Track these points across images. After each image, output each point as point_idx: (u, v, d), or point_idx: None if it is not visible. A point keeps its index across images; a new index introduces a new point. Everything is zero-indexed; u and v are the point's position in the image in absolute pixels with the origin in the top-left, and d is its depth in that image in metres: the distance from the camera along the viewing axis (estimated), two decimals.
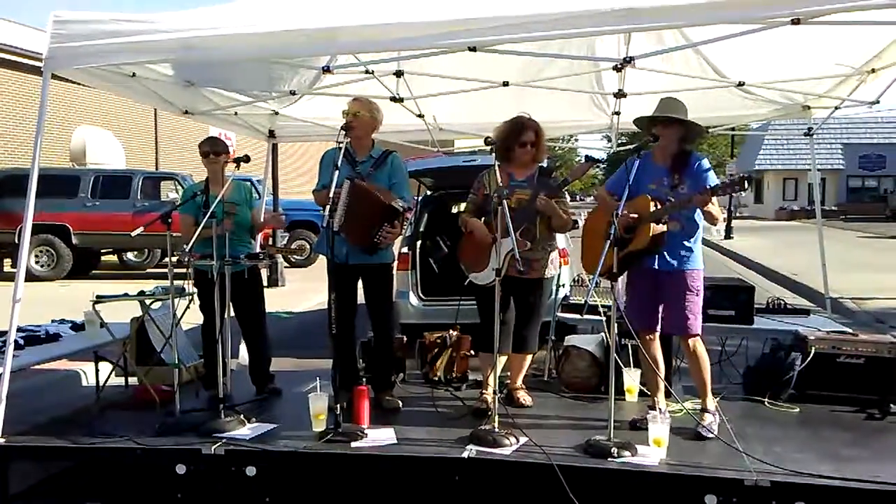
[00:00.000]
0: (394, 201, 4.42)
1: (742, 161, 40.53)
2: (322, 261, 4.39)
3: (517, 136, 4.51)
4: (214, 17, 3.95)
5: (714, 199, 3.91)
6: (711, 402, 4.16)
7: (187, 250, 4.24)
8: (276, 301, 9.10)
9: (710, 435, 3.91)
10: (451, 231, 5.70)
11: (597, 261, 3.81)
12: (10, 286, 4.12)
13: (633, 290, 4.30)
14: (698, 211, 4.01)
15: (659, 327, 4.21)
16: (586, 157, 4.51)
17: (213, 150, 4.85)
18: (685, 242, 4.08)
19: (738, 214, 31.57)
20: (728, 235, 21.79)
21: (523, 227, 4.35)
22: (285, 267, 13.55)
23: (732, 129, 7.26)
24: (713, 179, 4.05)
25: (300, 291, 12.08)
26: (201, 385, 5.11)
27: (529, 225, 4.43)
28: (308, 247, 15.48)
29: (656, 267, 4.08)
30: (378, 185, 4.52)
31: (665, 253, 4.05)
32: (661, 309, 4.16)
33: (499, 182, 4.13)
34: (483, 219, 4.53)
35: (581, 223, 4.74)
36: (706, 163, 4.14)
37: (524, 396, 4.71)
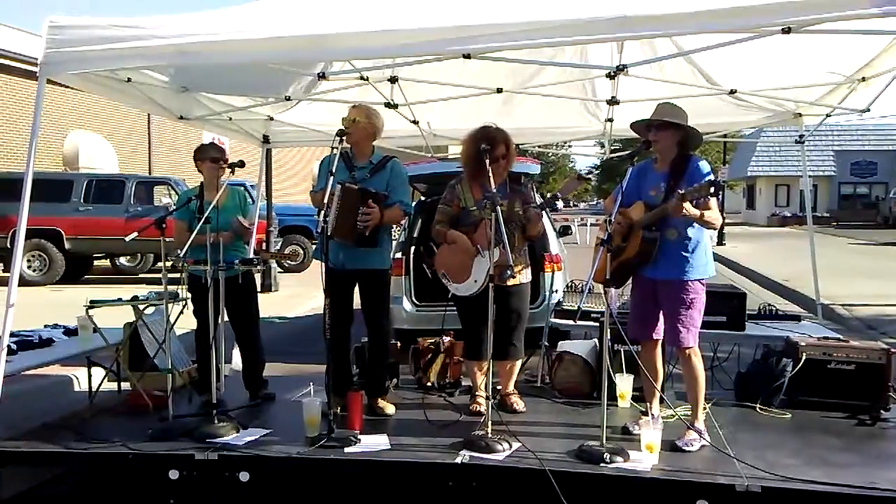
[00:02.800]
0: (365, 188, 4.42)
1: (734, 168, 40.66)
2: (316, 266, 4.40)
3: (491, 150, 4.35)
4: (210, 23, 3.96)
5: (713, 203, 3.86)
6: (700, 419, 4.07)
7: (181, 255, 4.24)
8: (269, 306, 9.11)
9: (689, 449, 3.88)
10: None
11: (598, 269, 3.82)
12: (2, 291, 4.11)
13: (633, 299, 4.27)
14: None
15: (659, 335, 4.18)
16: (578, 175, 4.53)
17: (221, 157, 4.86)
18: (682, 252, 3.96)
19: (727, 221, 31.62)
20: (720, 242, 21.87)
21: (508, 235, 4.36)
22: (279, 272, 13.55)
23: (725, 136, 7.30)
24: None
25: (294, 297, 12.09)
26: (194, 390, 5.11)
27: (510, 234, 4.43)
28: (301, 252, 15.49)
29: (653, 276, 4.03)
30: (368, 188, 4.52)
31: (662, 262, 3.97)
32: (660, 317, 4.11)
33: (493, 190, 4.13)
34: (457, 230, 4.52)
35: (574, 230, 4.76)
36: (705, 166, 4.00)
37: (517, 402, 4.72)
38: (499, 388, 4.76)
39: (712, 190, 3.67)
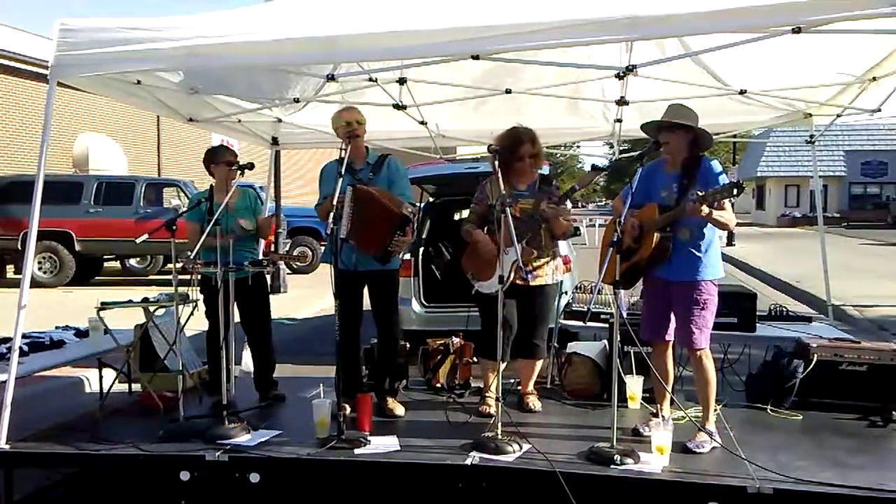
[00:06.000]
0: (404, 208, 4.42)
1: (744, 168, 40.51)
2: (324, 267, 4.42)
3: (515, 150, 4.51)
4: (219, 25, 3.98)
5: (727, 203, 3.86)
6: (711, 421, 4.06)
7: (191, 257, 4.25)
8: (278, 308, 9.10)
9: (700, 451, 3.87)
10: (453, 238, 5.72)
11: (608, 270, 3.81)
12: (11, 292, 4.14)
13: (644, 300, 4.27)
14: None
15: (671, 336, 4.16)
16: (592, 165, 4.53)
17: (235, 160, 4.88)
18: (695, 252, 3.96)
19: (737, 221, 31.52)
20: (730, 242, 21.79)
21: (528, 236, 4.38)
22: (287, 274, 13.58)
23: (734, 136, 7.27)
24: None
25: (302, 298, 12.10)
26: (205, 391, 5.12)
27: (534, 233, 4.46)
28: (310, 253, 15.52)
29: (666, 277, 4.02)
30: (380, 188, 4.54)
31: (675, 262, 3.97)
32: (672, 318, 4.10)
33: (501, 191, 4.15)
34: (486, 228, 4.57)
35: (583, 230, 4.75)
36: (717, 166, 4.01)
37: (534, 401, 4.74)
38: (512, 388, 4.79)
39: (734, 192, 3.66)
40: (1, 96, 17.14)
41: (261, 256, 5.26)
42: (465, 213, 9.38)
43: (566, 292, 6.52)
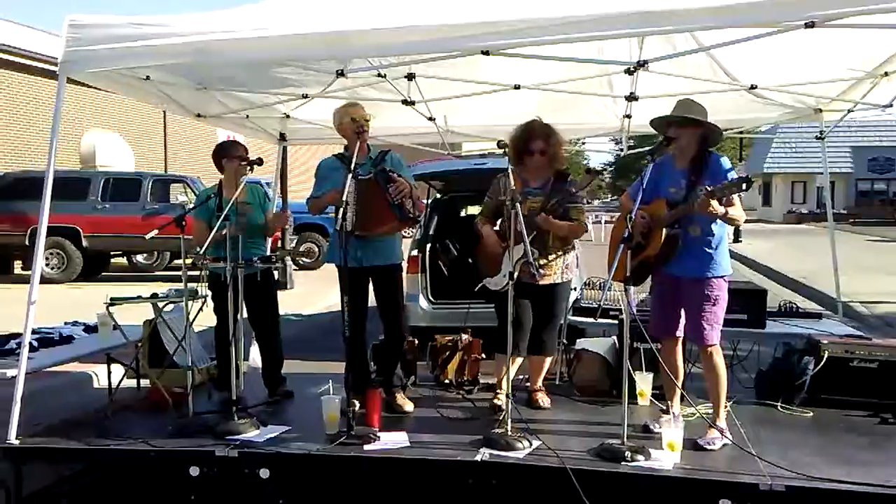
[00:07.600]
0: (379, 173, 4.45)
1: (751, 164, 40.38)
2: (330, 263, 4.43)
3: (526, 144, 4.52)
4: (228, 21, 3.97)
5: (736, 199, 3.84)
6: (722, 418, 4.04)
7: (201, 253, 4.25)
8: (285, 304, 9.11)
9: (711, 447, 3.86)
10: (461, 234, 5.72)
11: (618, 267, 3.79)
12: (19, 288, 4.15)
13: (654, 296, 4.26)
14: None
15: (681, 333, 4.15)
16: (586, 169, 4.53)
17: (247, 155, 4.87)
18: (706, 248, 3.94)
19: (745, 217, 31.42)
20: (737, 239, 21.72)
21: (533, 234, 4.36)
22: (294, 269, 13.57)
23: (742, 131, 7.23)
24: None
25: (309, 294, 12.12)
26: (214, 387, 5.13)
27: (539, 232, 4.44)
28: (317, 250, 15.52)
29: (677, 273, 4.01)
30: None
31: (685, 259, 3.96)
32: (682, 314, 4.09)
33: (512, 187, 4.14)
34: (500, 222, 4.55)
35: (589, 227, 4.73)
36: (726, 162, 3.99)
37: (542, 398, 4.74)
38: (524, 385, 4.80)
39: (744, 186, 3.64)
40: (8, 92, 17.16)
41: (269, 253, 5.26)
42: (472, 210, 9.41)
43: (575, 288, 6.52)
